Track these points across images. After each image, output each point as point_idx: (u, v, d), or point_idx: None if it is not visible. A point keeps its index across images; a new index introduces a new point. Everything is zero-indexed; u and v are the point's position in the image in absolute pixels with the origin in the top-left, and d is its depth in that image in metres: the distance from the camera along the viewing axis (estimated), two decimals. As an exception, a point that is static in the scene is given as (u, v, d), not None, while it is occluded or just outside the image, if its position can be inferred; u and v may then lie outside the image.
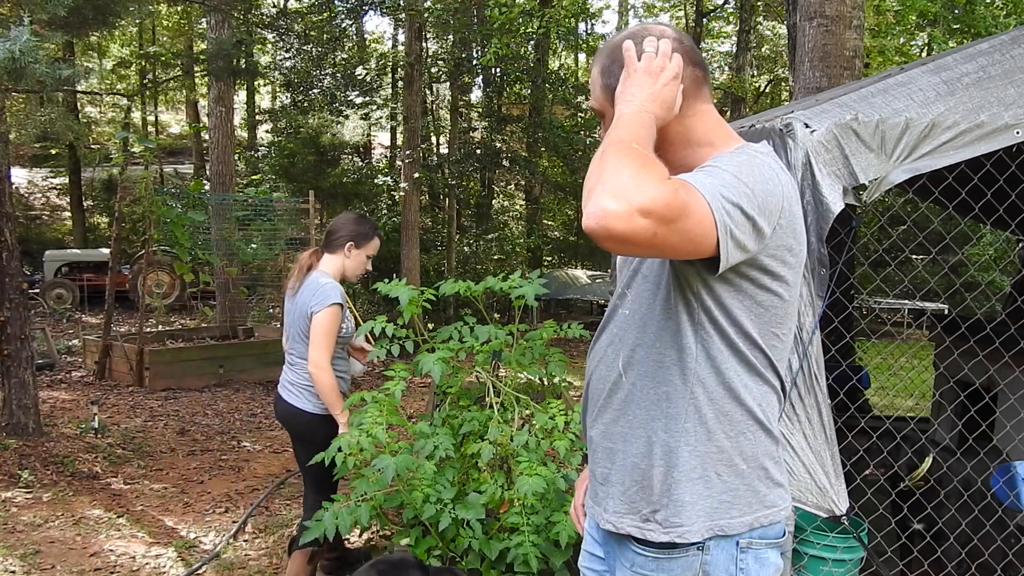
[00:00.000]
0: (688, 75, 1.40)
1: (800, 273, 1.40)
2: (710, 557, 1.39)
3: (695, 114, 1.42)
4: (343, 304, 3.11)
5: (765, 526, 1.42)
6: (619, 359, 1.47)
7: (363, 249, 3.23)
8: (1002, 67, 2.50)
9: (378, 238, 3.28)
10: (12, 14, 5.01)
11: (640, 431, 1.43)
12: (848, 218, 2.34)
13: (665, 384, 1.40)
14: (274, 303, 12.72)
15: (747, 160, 1.32)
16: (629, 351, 1.45)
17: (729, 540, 1.39)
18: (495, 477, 2.85)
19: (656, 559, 1.41)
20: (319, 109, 15.08)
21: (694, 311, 1.36)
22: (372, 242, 3.25)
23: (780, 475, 1.45)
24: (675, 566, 1.40)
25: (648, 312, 1.43)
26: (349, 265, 3.22)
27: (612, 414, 1.48)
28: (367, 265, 3.27)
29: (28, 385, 5.60)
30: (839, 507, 2.30)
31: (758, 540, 1.41)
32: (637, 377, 1.44)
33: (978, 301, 6.98)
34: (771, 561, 1.44)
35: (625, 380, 1.45)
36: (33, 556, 3.82)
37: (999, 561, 2.97)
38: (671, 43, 1.38)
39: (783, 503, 1.45)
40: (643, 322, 1.44)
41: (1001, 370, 3.08)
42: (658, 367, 1.41)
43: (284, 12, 14.50)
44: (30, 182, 21.16)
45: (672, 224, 1.15)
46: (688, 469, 1.38)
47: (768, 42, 20.46)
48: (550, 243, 18.12)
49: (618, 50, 1.40)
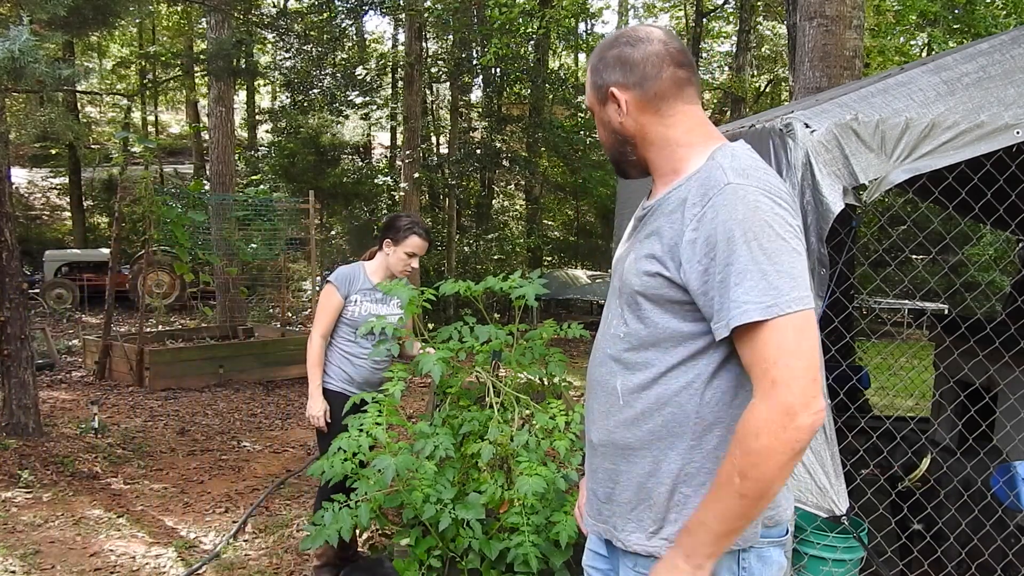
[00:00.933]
0: (669, 75, 1.42)
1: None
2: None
3: (675, 114, 1.43)
4: (334, 283, 3.36)
5: (769, 527, 1.42)
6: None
7: (401, 246, 3.39)
8: (1002, 67, 2.50)
9: (417, 236, 3.40)
10: (12, 14, 5.01)
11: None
12: (848, 218, 2.34)
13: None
14: (274, 303, 12.72)
15: (752, 225, 1.27)
16: None
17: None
18: (495, 477, 2.85)
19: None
20: (319, 109, 15.10)
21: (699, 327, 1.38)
22: (409, 239, 3.38)
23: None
24: None
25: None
26: (391, 261, 3.41)
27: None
28: (410, 262, 3.42)
29: (28, 385, 5.60)
30: (839, 507, 2.30)
31: (761, 539, 1.41)
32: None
33: (978, 301, 6.98)
34: (774, 559, 1.43)
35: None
36: (33, 556, 3.82)
37: (999, 561, 2.96)
38: (658, 45, 1.43)
39: (785, 502, 1.46)
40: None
41: (1001, 370, 3.08)
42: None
43: (284, 12, 14.51)
44: (30, 182, 21.16)
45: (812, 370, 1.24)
46: (697, 485, 1.38)
47: (768, 42, 20.47)
48: (550, 243, 18.13)
49: (606, 49, 1.46)
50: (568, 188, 17.42)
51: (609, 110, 1.47)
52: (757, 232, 1.25)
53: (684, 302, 1.35)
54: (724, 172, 1.32)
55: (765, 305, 1.23)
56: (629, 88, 1.43)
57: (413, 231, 3.38)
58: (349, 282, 3.38)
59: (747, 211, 1.27)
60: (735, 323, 1.25)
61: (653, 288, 1.37)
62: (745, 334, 1.25)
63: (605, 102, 1.47)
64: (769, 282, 1.23)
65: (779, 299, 1.23)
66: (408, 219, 3.44)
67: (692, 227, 1.31)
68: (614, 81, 1.44)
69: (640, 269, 1.39)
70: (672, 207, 1.38)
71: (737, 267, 1.25)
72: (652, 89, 1.43)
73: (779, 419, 1.20)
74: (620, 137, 1.48)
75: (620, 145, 1.49)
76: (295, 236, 10.30)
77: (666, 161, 1.44)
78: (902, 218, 6.85)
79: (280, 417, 6.99)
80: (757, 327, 1.24)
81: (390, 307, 3.43)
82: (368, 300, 3.39)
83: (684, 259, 1.31)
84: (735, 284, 1.25)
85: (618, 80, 1.44)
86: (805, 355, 1.22)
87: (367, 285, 3.41)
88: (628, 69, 1.43)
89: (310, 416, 3.34)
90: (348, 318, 3.37)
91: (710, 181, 1.33)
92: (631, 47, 1.44)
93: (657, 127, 1.44)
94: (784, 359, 1.22)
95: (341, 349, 3.41)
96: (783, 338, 1.22)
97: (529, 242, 16.38)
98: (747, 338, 1.26)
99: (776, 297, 1.23)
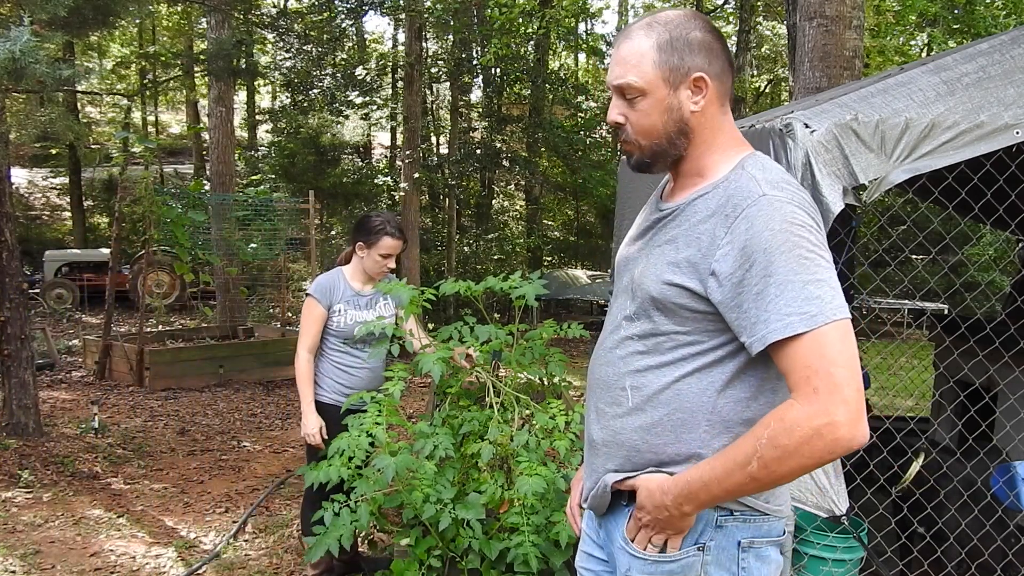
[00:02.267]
0: (731, 74, 1.43)
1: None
2: (711, 557, 1.39)
3: (727, 115, 1.44)
4: (315, 296, 3.27)
5: (768, 522, 1.43)
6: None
7: (374, 249, 3.28)
8: (1002, 67, 2.50)
9: (390, 237, 3.27)
10: (12, 14, 5.01)
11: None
12: (848, 218, 2.34)
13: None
14: (274, 303, 12.73)
15: (790, 237, 1.26)
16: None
17: (730, 541, 1.40)
18: (495, 477, 2.85)
19: (656, 562, 1.41)
20: (319, 109, 15.10)
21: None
22: (382, 241, 3.26)
23: None
24: (676, 568, 1.40)
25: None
26: (366, 264, 3.32)
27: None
28: (386, 264, 3.31)
29: (28, 385, 5.60)
30: (839, 507, 2.30)
31: (759, 539, 1.41)
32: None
33: (978, 301, 6.98)
34: (772, 558, 1.44)
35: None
36: (33, 556, 3.82)
37: (999, 561, 2.96)
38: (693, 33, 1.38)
39: (784, 501, 1.46)
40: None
41: (1001, 370, 3.08)
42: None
43: (284, 12, 14.50)
44: (30, 182, 21.15)
45: (852, 374, 1.23)
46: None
47: (768, 42, 20.47)
48: (550, 243, 18.12)
49: (683, 29, 1.37)
50: (568, 188, 17.41)
51: (682, 95, 1.37)
52: (794, 244, 1.24)
53: (706, 312, 1.33)
54: (758, 183, 1.30)
55: (810, 315, 1.22)
56: (712, 76, 1.37)
57: (384, 232, 3.25)
58: (330, 292, 3.28)
59: (784, 223, 1.25)
60: (778, 336, 1.23)
61: (672, 297, 1.35)
62: (785, 345, 1.24)
63: (679, 85, 1.37)
64: (811, 292, 1.23)
65: (823, 308, 1.22)
66: (379, 219, 3.32)
67: (726, 240, 1.29)
68: (699, 66, 1.36)
69: (659, 277, 1.36)
70: (700, 216, 1.35)
71: (777, 278, 1.24)
72: (727, 84, 1.40)
73: (817, 428, 1.19)
74: (682, 127, 1.39)
75: (677, 136, 1.39)
76: (295, 236, 10.30)
77: (698, 161, 1.41)
78: (902, 218, 6.85)
79: (280, 417, 6.99)
80: (798, 337, 1.23)
81: (377, 311, 3.35)
82: (352, 308, 3.31)
83: (716, 270, 1.29)
84: (775, 296, 1.24)
85: (703, 67, 1.36)
86: (848, 364, 1.21)
87: (349, 292, 3.32)
88: (713, 57, 1.37)
89: (306, 435, 3.26)
90: (334, 329, 3.29)
91: (742, 191, 1.31)
92: (712, 36, 1.38)
93: (718, 121, 1.40)
94: (828, 368, 1.20)
95: (333, 360, 3.34)
96: (825, 347, 1.21)
97: (529, 242, 16.38)
98: (787, 348, 1.24)
99: (820, 307, 1.22)
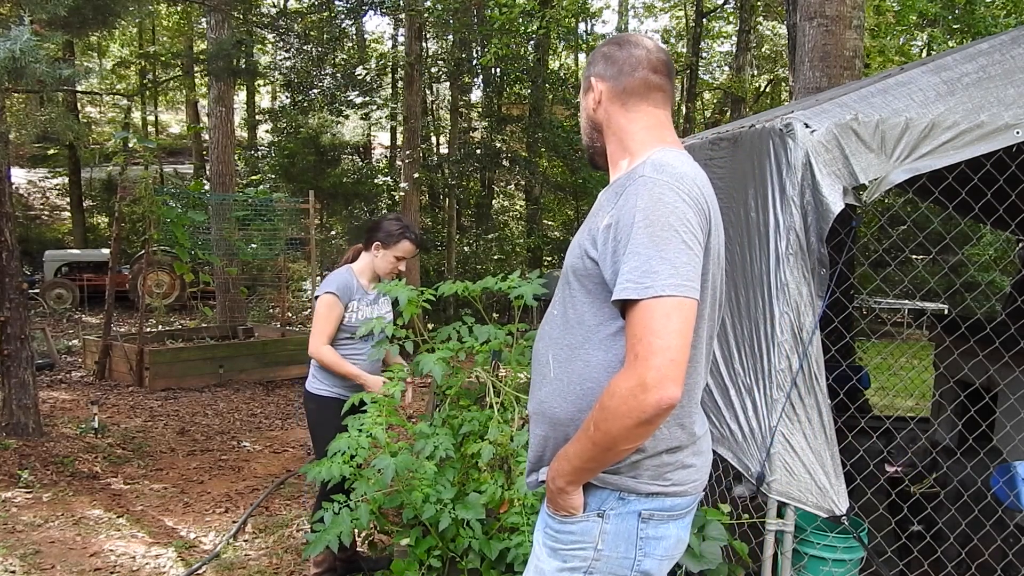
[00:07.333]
0: (641, 76, 1.60)
1: (711, 258, 1.50)
2: (610, 526, 1.50)
3: (638, 111, 1.60)
4: (336, 293, 3.31)
5: (663, 497, 1.51)
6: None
7: (391, 250, 3.40)
8: (1002, 67, 2.50)
9: (410, 242, 3.41)
10: (12, 14, 5.01)
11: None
12: (848, 218, 2.34)
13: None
14: (274, 303, 12.73)
15: (650, 214, 1.40)
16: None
17: (630, 511, 1.50)
18: (495, 477, 2.85)
19: (561, 522, 1.54)
20: (319, 109, 15.08)
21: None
22: (401, 244, 3.39)
23: (691, 458, 1.55)
24: (576, 528, 1.52)
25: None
26: (378, 264, 3.42)
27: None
28: (398, 266, 3.43)
29: (28, 385, 5.60)
30: (839, 507, 2.30)
31: (660, 512, 1.51)
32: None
33: (978, 301, 6.98)
34: (671, 532, 1.54)
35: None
36: (33, 556, 3.82)
37: (999, 561, 2.97)
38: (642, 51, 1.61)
39: (686, 479, 1.54)
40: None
41: (1001, 370, 3.08)
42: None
43: (284, 12, 14.51)
44: (30, 182, 21.14)
45: (679, 350, 1.34)
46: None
47: (768, 42, 20.46)
48: (550, 243, 18.09)
49: (599, 48, 1.66)
50: (568, 188, 17.38)
51: (588, 98, 1.66)
52: (653, 221, 1.38)
53: (604, 283, 1.47)
54: (645, 167, 1.47)
55: (643, 286, 1.35)
56: (605, 80, 1.63)
57: (406, 235, 3.40)
58: (349, 290, 3.39)
59: (650, 201, 1.40)
60: (615, 297, 1.40)
61: (578, 266, 1.52)
62: (627, 311, 1.39)
63: (587, 91, 1.66)
64: (651, 266, 1.35)
65: (655, 282, 1.34)
66: (400, 223, 3.44)
67: (611, 211, 1.47)
68: (595, 72, 1.64)
69: (572, 250, 1.56)
70: (608, 196, 1.54)
71: (631, 248, 1.39)
72: (623, 84, 1.61)
73: (631, 389, 1.33)
74: (591, 123, 1.67)
75: (591, 131, 1.68)
76: (295, 236, 10.30)
77: (619, 152, 1.62)
78: (902, 218, 6.85)
79: (280, 417, 6.99)
80: (634, 305, 1.36)
81: (381, 308, 3.47)
82: (363, 304, 3.42)
83: (599, 241, 1.46)
84: (624, 263, 1.39)
85: (599, 72, 1.64)
86: (667, 337, 1.33)
87: (361, 290, 3.43)
88: (609, 63, 1.63)
89: (378, 387, 3.22)
90: (345, 324, 3.39)
91: (634, 174, 1.49)
92: (618, 47, 1.64)
93: (620, 118, 1.62)
94: (648, 337, 1.33)
95: (344, 351, 3.41)
96: (651, 318, 1.34)
97: (529, 242, 16.36)
98: (628, 315, 1.39)
99: (654, 280, 1.34)
